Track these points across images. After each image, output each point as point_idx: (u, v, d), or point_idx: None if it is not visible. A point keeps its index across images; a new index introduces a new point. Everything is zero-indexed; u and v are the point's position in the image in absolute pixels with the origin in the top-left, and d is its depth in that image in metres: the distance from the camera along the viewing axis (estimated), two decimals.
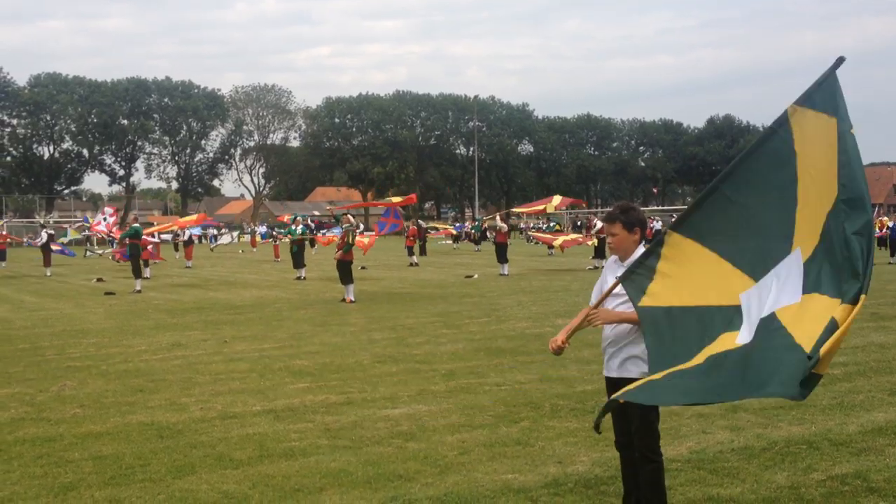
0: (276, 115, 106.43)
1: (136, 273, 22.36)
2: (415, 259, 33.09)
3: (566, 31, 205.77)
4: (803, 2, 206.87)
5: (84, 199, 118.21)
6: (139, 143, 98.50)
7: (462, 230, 58.35)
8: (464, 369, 9.84)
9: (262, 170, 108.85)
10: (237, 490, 5.64)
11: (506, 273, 25.75)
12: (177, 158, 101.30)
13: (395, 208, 22.84)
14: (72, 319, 15.99)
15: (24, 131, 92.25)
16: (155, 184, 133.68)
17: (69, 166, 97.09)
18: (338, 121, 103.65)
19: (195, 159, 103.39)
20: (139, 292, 21.41)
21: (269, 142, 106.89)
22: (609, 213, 4.97)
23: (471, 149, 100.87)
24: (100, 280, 26.21)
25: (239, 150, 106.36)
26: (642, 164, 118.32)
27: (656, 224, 50.72)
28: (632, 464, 4.81)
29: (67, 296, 21.40)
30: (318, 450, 6.56)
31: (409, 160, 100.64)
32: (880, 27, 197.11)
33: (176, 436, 7.08)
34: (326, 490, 5.61)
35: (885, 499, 5.22)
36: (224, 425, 7.40)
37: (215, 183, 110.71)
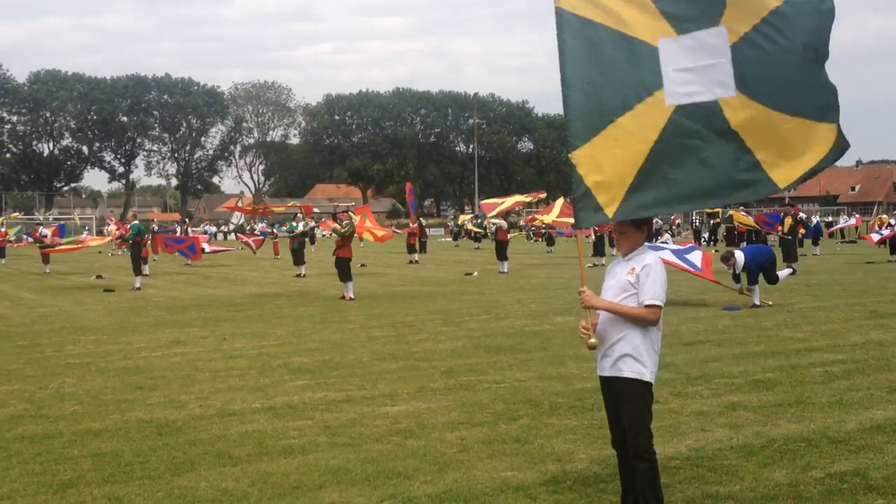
0: (276, 112, 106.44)
1: (137, 270, 22.36)
2: (415, 257, 33.08)
3: None
4: None
5: (84, 196, 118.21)
6: (139, 140, 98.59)
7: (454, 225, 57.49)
8: (463, 367, 9.85)
9: (261, 167, 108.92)
10: (236, 487, 5.65)
11: (505, 271, 25.74)
12: (176, 155, 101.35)
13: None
14: (71, 316, 15.98)
15: (23, 128, 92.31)
16: (154, 181, 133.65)
17: (69, 163, 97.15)
18: (338, 118, 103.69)
19: (195, 156, 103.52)
20: (138, 289, 21.41)
21: (268, 139, 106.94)
22: None
23: (471, 146, 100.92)
24: (99, 277, 26.20)
25: (239, 147, 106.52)
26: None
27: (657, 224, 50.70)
28: (628, 462, 4.80)
29: (66, 293, 21.39)
30: (317, 447, 6.56)
31: (408, 157, 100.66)
32: (880, 24, 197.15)
33: (175, 433, 7.08)
34: (325, 487, 5.61)
35: (884, 496, 5.22)
36: (223, 422, 7.40)
37: (215, 180, 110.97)
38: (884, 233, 29.72)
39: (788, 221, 24.39)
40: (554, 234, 38.48)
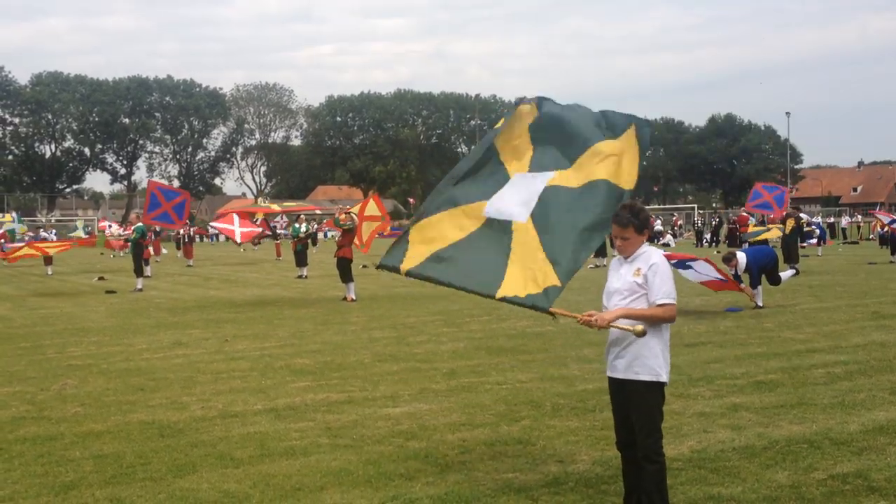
0: (278, 113, 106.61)
1: (138, 272, 22.38)
2: None
3: (568, 29, 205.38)
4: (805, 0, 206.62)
5: (86, 198, 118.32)
6: (141, 141, 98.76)
7: None
8: (465, 368, 9.84)
9: (263, 168, 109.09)
10: (238, 489, 5.64)
11: None
12: (178, 157, 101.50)
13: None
14: (73, 318, 16.00)
15: (25, 130, 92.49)
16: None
17: (71, 165, 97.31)
18: (339, 119, 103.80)
19: (196, 158, 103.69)
20: (140, 291, 21.43)
21: (270, 140, 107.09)
22: (620, 216, 4.78)
23: (472, 147, 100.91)
24: (101, 278, 26.23)
25: (240, 149, 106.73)
26: (643, 162, 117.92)
27: (657, 224, 50.62)
28: (633, 463, 4.79)
29: (68, 294, 21.42)
30: (318, 449, 6.56)
31: (410, 159, 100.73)
32: (881, 24, 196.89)
33: (177, 435, 7.08)
34: (327, 489, 5.61)
35: (886, 498, 5.21)
36: (225, 424, 7.40)
37: (217, 181, 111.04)
38: None
39: (790, 224, 24.42)
40: None
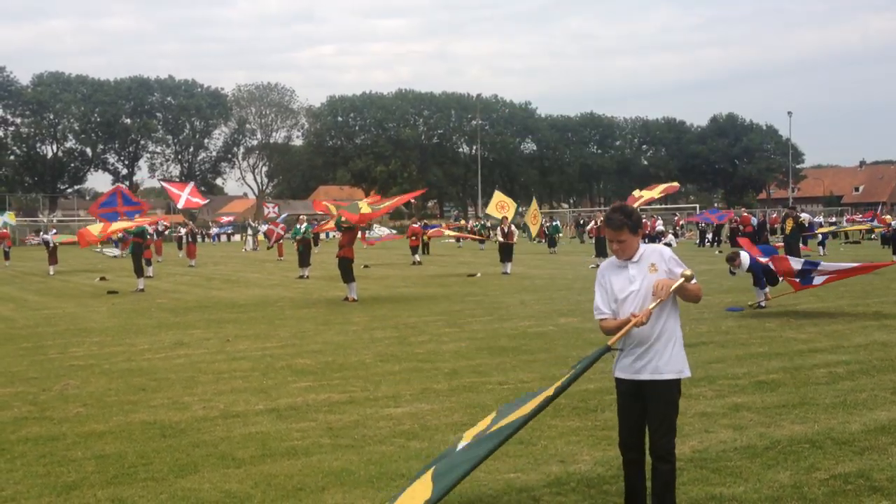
0: (279, 113, 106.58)
1: (139, 272, 22.39)
2: (417, 258, 33.12)
3: (569, 29, 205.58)
4: (805, 0, 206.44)
5: (87, 198, 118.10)
6: (142, 141, 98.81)
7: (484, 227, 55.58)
8: (466, 368, 9.84)
9: (265, 168, 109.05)
10: (239, 489, 5.65)
11: (508, 272, 25.75)
12: (180, 157, 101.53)
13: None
14: (75, 318, 16.01)
15: (27, 130, 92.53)
16: (158, 183, 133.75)
17: (72, 165, 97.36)
18: (341, 119, 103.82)
19: (198, 158, 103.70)
20: (142, 291, 21.44)
21: (271, 140, 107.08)
22: (612, 219, 4.62)
23: (474, 147, 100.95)
24: (103, 279, 26.25)
25: (242, 149, 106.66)
26: (645, 162, 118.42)
27: (658, 224, 50.69)
28: (636, 464, 4.77)
29: (70, 295, 21.43)
30: (320, 449, 6.56)
31: (411, 159, 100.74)
32: (882, 24, 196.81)
33: (178, 435, 7.09)
34: (329, 489, 5.61)
35: (888, 498, 5.21)
36: (226, 424, 7.40)
37: (218, 182, 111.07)
38: None
39: (790, 223, 24.48)
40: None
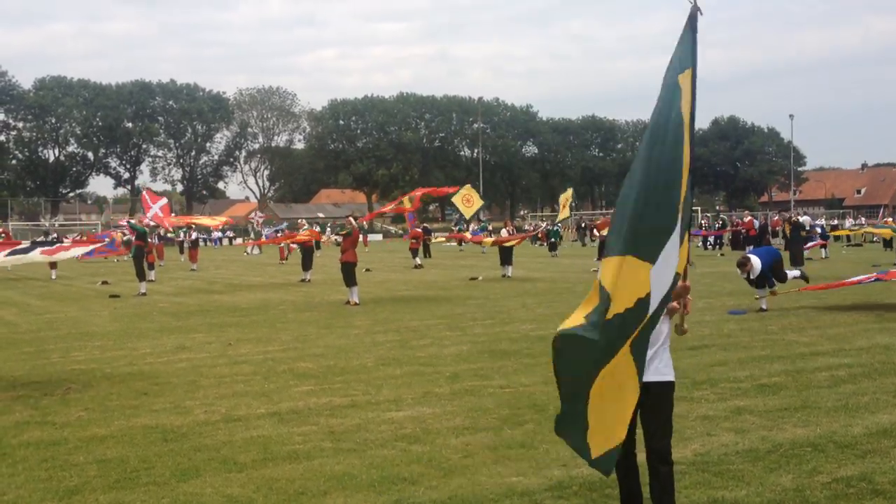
0: (281, 117, 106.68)
1: (141, 276, 22.40)
2: (419, 261, 33.12)
3: (570, 31, 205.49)
4: (807, 1, 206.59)
5: (89, 203, 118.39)
6: (144, 145, 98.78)
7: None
8: (468, 371, 9.84)
9: (266, 172, 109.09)
10: (241, 493, 5.65)
11: (509, 275, 25.75)
12: (182, 161, 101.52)
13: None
14: (77, 322, 16.02)
15: (29, 134, 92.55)
16: (160, 186, 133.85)
17: (74, 169, 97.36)
18: (342, 123, 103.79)
19: (200, 162, 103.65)
20: (144, 295, 21.45)
21: (273, 144, 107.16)
22: None
23: (475, 150, 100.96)
24: (105, 283, 26.27)
25: (244, 153, 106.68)
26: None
27: None
28: (631, 468, 4.78)
29: (72, 299, 21.44)
30: (322, 453, 6.56)
31: (413, 162, 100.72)
32: (884, 26, 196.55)
33: (180, 439, 7.09)
34: (330, 493, 5.61)
35: (891, 501, 5.20)
36: (228, 428, 7.41)
37: (220, 185, 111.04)
38: None
39: (788, 227, 24.60)
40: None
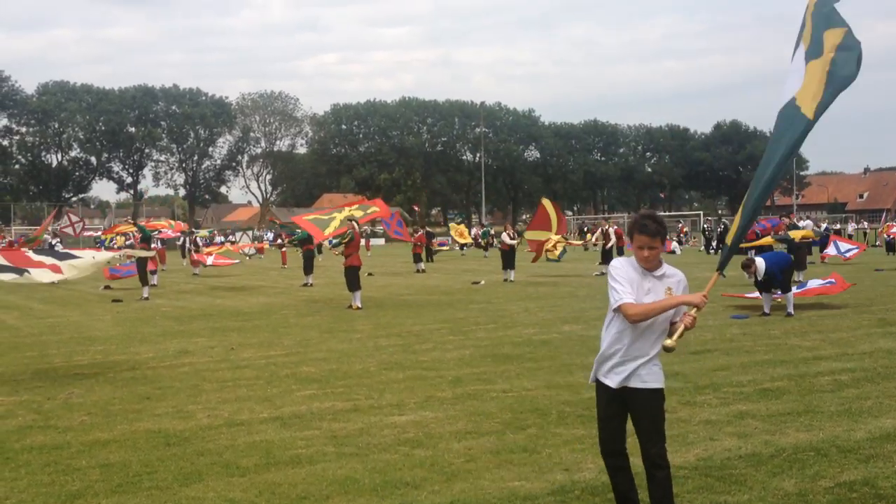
0: (283, 121, 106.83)
1: (143, 280, 22.43)
2: (422, 266, 33.14)
3: (572, 36, 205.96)
4: None
5: (92, 207, 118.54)
6: (147, 150, 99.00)
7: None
8: (470, 376, 9.84)
9: (269, 176, 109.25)
10: (244, 498, 5.65)
11: (512, 279, 25.74)
12: (184, 165, 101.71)
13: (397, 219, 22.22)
14: (79, 327, 16.03)
15: (32, 139, 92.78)
16: (162, 191, 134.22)
17: (77, 174, 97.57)
18: (344, 127, 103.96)
19: (202, 166, 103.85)
20: (146, 299, 21.48)
21: (275, 148, 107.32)
22: (647, 226, 4.56)
23: (477, 155, 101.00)
24: (107, 287, 26.29)
25: (246, 157, 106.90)
26: (649, 169, 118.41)
27: None
28: (624, 471, 4.79)
29: (75, 303, 21.46)
30: (324, 457, 6.56)
31: (415, 166, 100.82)
32: (887, 30, 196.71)
33: (183, 443, 7.09)
34: (333, 498, 5.61)
35: None
36: (231, 433, 7.41)
37: (222, 190, 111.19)
38: None
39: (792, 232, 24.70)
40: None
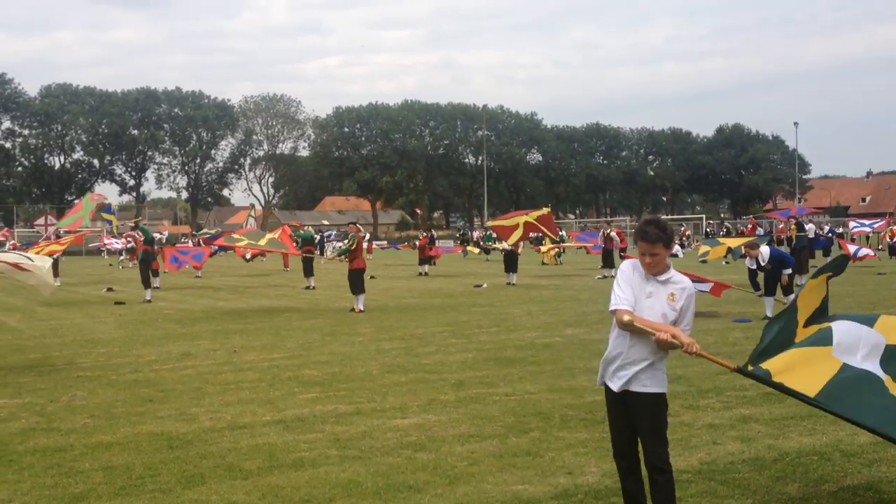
0: (286, 124, 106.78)
1: (146, 283, 22.43)
2: (424, 268, 33.14)
3: (574, 39, 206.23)
4: (812, 10, 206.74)
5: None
6: (149, 152, 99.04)
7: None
8: (473, 379, 9.83)
9: (271, 179, 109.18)
10: (247, 501, 5.65)
11: (514, 282, 25.73)
12: (187, 168, 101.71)
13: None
14: (82, 329, 16.04)
15: (35, 141, 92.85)
16: (165, 193, 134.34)
17: (80, 176, 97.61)
18: (347, 130, 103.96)
19: (205, 169, 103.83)
20: (149, 302, 21.48)
21: (278, 151, 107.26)
22: (648, 232, 4.56)
23: (479, 158, 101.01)
24: (110, 290, 26.31)
25: (248, 160, 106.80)
26: (651, 172, 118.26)
27: None
28: (633, 473, 4.78)
29: (77, 305, 21.47)
30: (327, 460, 6.56)
31: (417, 169, 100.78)
32: (888, 34, 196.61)
33: (185, 446, 7.09)
34: (336, 501, 5.61)
35: None
36: (233, 435, 7.41)
37: (225, 192, 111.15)
38: None
39: (794, 232, 24.74)
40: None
